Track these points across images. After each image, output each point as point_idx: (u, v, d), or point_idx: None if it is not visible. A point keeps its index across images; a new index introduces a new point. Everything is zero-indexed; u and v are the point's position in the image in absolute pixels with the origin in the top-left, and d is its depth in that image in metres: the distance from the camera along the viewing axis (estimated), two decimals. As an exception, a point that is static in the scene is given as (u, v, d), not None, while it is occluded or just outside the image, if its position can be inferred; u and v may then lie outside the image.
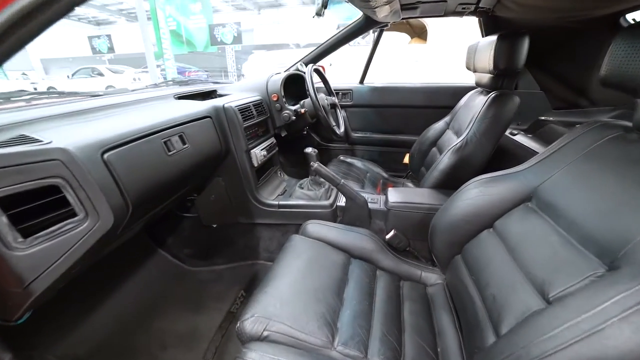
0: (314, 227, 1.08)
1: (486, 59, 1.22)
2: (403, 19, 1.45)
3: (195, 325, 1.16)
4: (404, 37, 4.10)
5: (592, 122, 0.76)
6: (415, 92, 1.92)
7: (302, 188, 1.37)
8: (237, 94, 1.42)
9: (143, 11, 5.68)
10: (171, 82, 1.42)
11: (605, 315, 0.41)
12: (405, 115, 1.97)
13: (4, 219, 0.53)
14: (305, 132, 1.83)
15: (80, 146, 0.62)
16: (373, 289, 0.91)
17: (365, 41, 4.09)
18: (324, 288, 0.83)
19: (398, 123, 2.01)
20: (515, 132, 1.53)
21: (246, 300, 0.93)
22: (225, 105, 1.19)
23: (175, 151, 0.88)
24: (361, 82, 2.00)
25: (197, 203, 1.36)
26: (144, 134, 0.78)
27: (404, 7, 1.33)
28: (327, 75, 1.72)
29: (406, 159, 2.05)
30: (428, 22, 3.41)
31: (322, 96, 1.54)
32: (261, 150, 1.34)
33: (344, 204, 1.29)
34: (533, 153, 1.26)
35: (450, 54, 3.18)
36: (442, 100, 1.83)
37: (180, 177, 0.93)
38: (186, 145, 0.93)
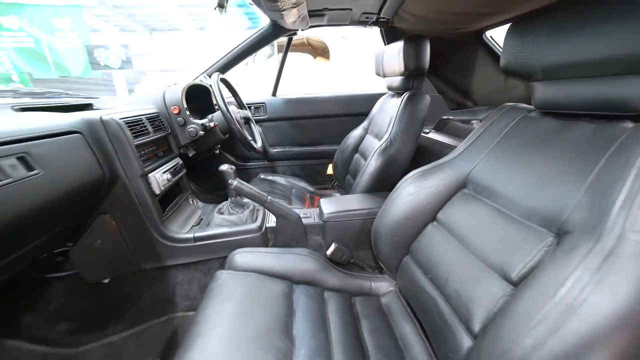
0: (243, 256, 0.90)
1: (396, 63, 1.29)
2: (311, 26, 1.43)
3: None
4: (307, 57, 4.28)
5: (501, 108, 0.83)
6: (330, 102, 1.93)
7: (222, 213, 1.13)
8: (123, 106, 1.12)
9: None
10: (10, 93, 0.99)
11: (581, 283, 0.40)
12: (322, 126, 1.96)
13: None
14: (217, 152, 1.60)
15: None
16: (325, 316, 0.79)
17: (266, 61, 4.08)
18: (268, 331, 0.67)
19: (316, 134, 1.98)
20: (427, 130, 1.65)
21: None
22: (104, 118, 0.90)
23: (8, 181, 0.58)
24: (273, 94, 1.90)
25: (73, 255, 0.98)
26: None
27: (312, 14, 1.32)
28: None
29: (330, 170, 2.03)
30: (328, 41, 3.62)
31: (233, 109, 1.37)
32: (163, 173, 1.06)
33: (274, 225, 1.13)
34: (448, 146, 1.38)
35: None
36: (357, 108, 1.89)
37: (25, 221, 0.62)
38: (35, 172, 0.63)
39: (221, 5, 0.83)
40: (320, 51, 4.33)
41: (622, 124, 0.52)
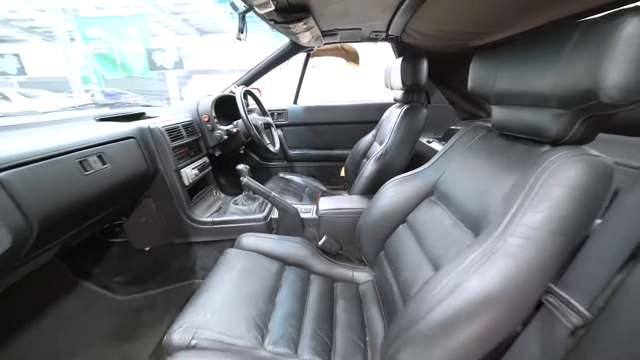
0: (249, 239, 1.09)
1: (398, 77, 1.41)
2: (326, 43, 1.60)
3: (124, 356, 1.09)
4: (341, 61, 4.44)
5: (468, 125, 0.92)
6: (345, 110, 2.10)
7: (237, 204, 1.38)
8: (166, 115, 1.42)
9: (63, 30, 5.33)
10: (92, 105, 1.37)
11: (464, 271, 0.52)
12: (337, 131, 2.13)
13: None
14: (242, 152, 1.86)
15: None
16: (306, 292, 0.94)
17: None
18: (255, 295, 0.85)
19: (332, 139, 2.15)
20: (432, 140, 1.74)
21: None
22: (151, 126, 1.19)
23: (92, 171, 0.87)
24: (295, 102, 2.12)
25: (126, 226, 1.30)
26: (52, 153, 0.77)
27: (325, 34, 1.48)
28: (264, 97, 1.81)
29: (343, 172, 2.19)
30: (358, 47, 3.75)
31: (254, 116, 1.60)
32: (192, 169, 1.34)
33: (278, 216, 1.34)
34: None
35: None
36: (369, 116, 2.02)
37: (99, 198, 0.91)
38: (106, 165, 0.93)
39: (239, 38, 1.05)
40: (352, 56, 4.45)
41: (541, 148, 0.62)
